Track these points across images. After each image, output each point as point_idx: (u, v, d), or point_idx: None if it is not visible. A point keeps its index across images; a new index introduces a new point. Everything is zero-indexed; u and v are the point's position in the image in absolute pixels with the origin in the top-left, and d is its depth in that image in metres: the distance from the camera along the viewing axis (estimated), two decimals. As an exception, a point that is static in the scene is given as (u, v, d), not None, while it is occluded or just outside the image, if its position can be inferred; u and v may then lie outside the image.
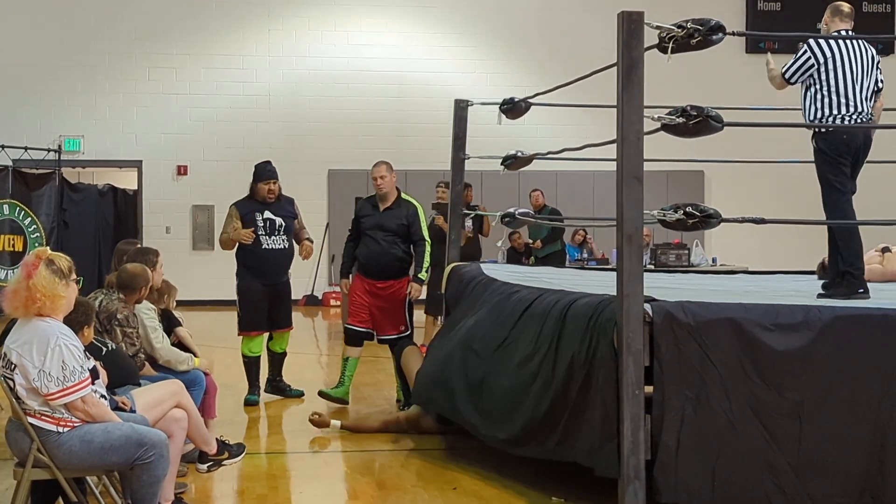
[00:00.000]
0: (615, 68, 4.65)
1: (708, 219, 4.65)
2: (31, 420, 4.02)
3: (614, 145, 4.64)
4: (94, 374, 4.19)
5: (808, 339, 4.39)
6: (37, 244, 14.29)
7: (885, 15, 18.14)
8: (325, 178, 17.17)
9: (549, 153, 7.09)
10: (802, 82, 5.65)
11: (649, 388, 4.45)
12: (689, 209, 4.63)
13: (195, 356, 5.92)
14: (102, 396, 4.22)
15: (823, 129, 5.59)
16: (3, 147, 14.74)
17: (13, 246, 14.26)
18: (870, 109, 5.66)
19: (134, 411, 4.50)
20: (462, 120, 8.26)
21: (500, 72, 17.33)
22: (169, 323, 6.04)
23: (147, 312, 5.73)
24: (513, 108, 7.85)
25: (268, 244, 7.65)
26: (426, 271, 7.61)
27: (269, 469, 5.91)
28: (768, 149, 15.82)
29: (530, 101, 7.77)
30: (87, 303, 4.78)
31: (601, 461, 4.57)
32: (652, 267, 11.38)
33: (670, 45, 4.82)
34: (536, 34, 17.66)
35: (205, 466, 5.49)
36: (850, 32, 5.72)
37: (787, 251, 15.91)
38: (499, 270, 7.69)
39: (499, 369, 5.62)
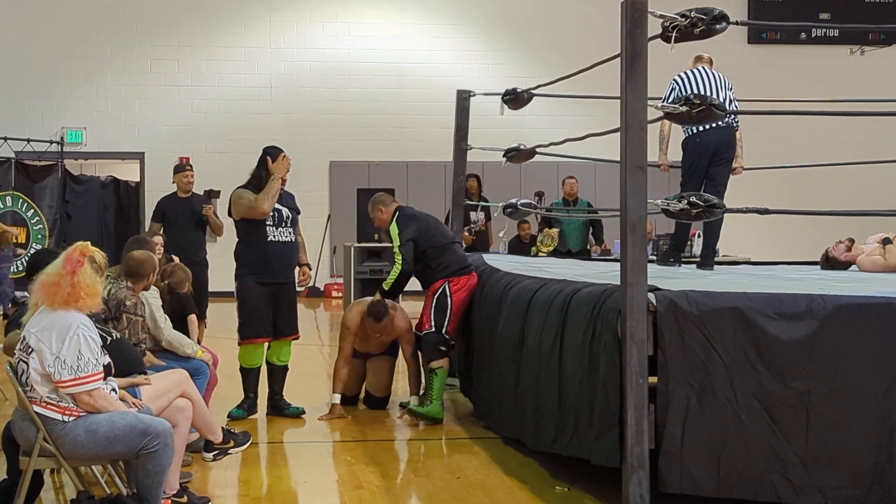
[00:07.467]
0: (618, 58, 4.64)
1: (712, 208, 4.64)
2: (36, 409, 4.04)
3: (617, 135, 4.64)
4: (108, 371, 4.22)
5: (813, 329, 4.37)
6: (39, 236, 14.32)
7: (888, 4, 18.09)
8: (327, 170, 17.17)
9: (550, 144, 7.09)
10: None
11: (652, 379, 4.45)
12: (692, 199, 4.63)
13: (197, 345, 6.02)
14: (113, 390, 4.26)
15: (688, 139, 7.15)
16: (5, 139, 14.75)
17: (16, 238, 14.28)
18: (732, 120, 7.06)
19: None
20: (464, 111, 8.26)
21: (500, 62, 17.33)
22: (184, 309, 6.30)
23: (151, 293, 5.84)
24: (515, 99, 7.86)
25: (274, 236, 6.80)
26: None
27: (273, 458, 5.93)
28: (771, 138, 15.87)
29: (532, 91, 7.78)
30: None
31: (601, 450, 4.58)
32: (654, 258, 11.35)
33: (674, 34, 4.82)
34: (536, 25, 17.65)
35: (210, 455, 5.51)
36: (706, 68, 7.25)
37: (791, 242, 15.91)
38: (501, 261, 7.69)
39: (512, 361, 5.66)
